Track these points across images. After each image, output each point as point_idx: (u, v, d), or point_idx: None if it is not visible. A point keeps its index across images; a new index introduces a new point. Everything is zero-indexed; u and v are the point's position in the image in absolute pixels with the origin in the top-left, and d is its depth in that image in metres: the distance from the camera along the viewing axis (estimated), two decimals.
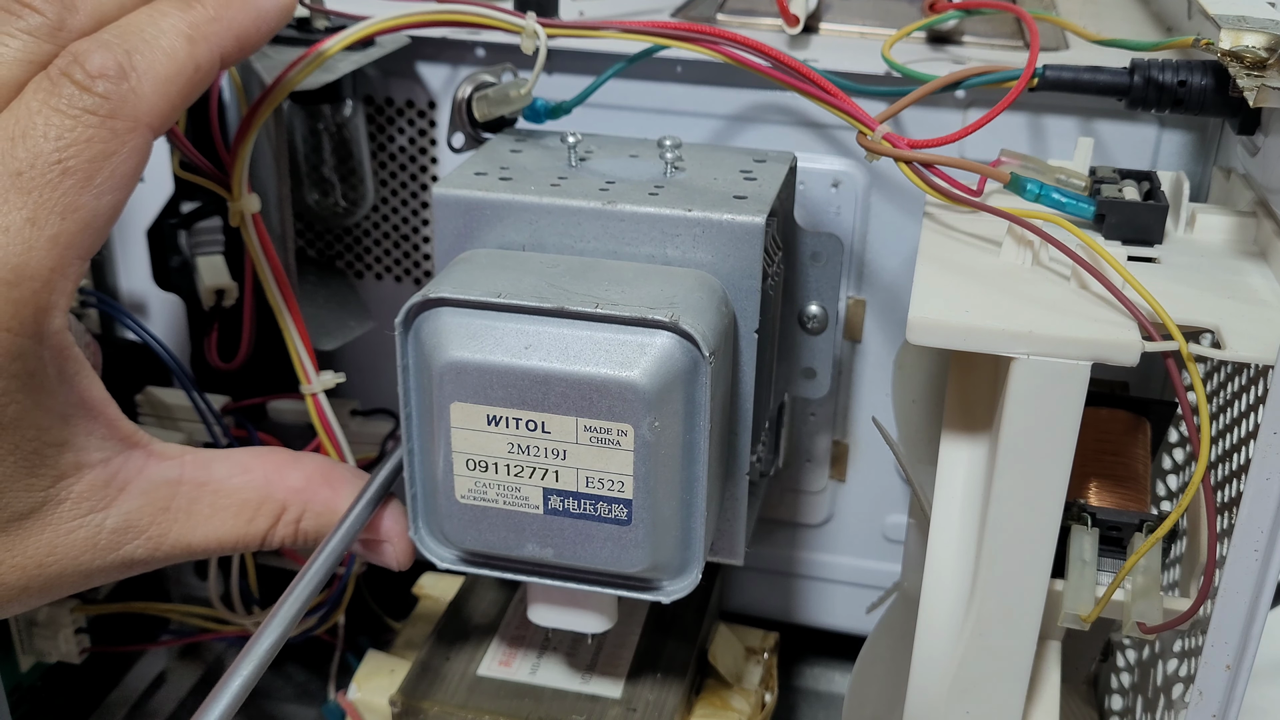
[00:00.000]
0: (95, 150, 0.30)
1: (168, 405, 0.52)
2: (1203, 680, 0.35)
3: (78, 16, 0.31)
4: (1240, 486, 0.35)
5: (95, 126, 0.30)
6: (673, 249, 0.39)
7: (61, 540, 0.32)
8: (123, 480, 0.33)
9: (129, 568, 0.34)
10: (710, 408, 0.36)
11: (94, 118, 0.30)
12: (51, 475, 0.31)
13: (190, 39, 0.33)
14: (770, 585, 0.60)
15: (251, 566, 0.51)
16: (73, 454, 0.31)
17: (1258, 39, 0.37)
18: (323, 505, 0.38)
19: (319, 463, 0.39)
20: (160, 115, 0.32)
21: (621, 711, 0.46)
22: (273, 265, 0.45)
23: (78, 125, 0.30)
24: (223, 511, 0.35)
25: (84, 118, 0.30)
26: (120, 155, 0.31)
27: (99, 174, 0.30)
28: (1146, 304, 0.33)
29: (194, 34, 0.33)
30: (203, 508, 0.35)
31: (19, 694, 0.53)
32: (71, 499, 0.32)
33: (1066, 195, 0.39)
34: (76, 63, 0.30)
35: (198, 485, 0.35)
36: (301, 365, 0.47)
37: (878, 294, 0.52)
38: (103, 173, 0.30)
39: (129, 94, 0.31)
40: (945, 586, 0.38)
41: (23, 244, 0.29)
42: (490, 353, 0.36)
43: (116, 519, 0.33)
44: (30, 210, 0.29)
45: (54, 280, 0.30)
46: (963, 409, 0.38)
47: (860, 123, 0.39)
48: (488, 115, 0.46)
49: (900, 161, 0.38)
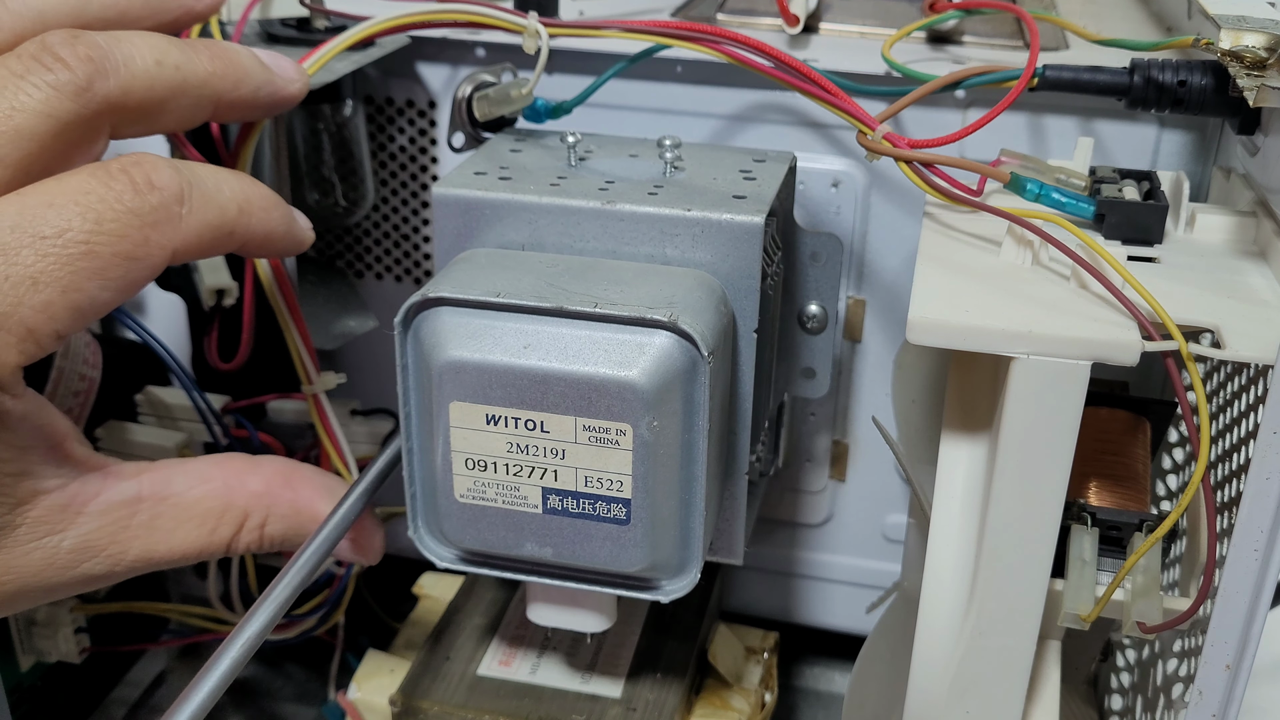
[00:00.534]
0: (123, 249, 0.31)
1: (168, 405, 0.52)
2: (1203, 680, 0.35)
3: (108, 83, 0.32)
4: (1240, 486, 0.35)
5: (134, 229, 0.31)
6: (672, 249, 0.39)
7: (18, 561, 0.33)
8: (80, 504, 0.34)
9: (90, 583, 0.35)
10: (709, 407, 0.36)
11: (137, 220, 0.31)
12: (9, 503, 0.32)
13: (241, 209, 0.34)
14: (770, 585, 0.60)
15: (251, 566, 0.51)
16: (30, 482, 0.32)
17: (1258, 39, 0.37)
18: (286, 508, 0.38)
19: (278, 465, 0.39)
20: (186, 250, 0.33)
21: (621, 711, 0.46)
22: (273, 265, 0.45)
23: (119, 220, 0.31)
24: (186, 524, 0.36)
25: (127, 217, 0.31)
26: (139, 265, 0.32)
27: (114, 271, 0.31)
28: (1146, 304, 0.33)
29: (246, 206, 0.34)
30: (165, 522, 0.36)
31: (19, 694, 0.53)
32: (27, 524, 0.33)
33: (1066, 195, 0.39)
34: (142, 166, 0.31)
35: (158, 500, 0.36)
36: (303, 365, 0.47)
37: (878, 294, 0.52)
38: (117, 270, 0.31)
39: (175, 218, 0.32)
40: (945, 586, 0.38)
41: (15, 298, 0.29)
42: (489, 352, 0.36)
43: (73, 540, 0.34)
44: (37, 271, 0.30)
45: (27, 340, 0.30)
46: (963, 409, 0.38)
47: (860, 122, 0.39)
48: (488, 115, 0.46)
49: (900, 161, 0.38)
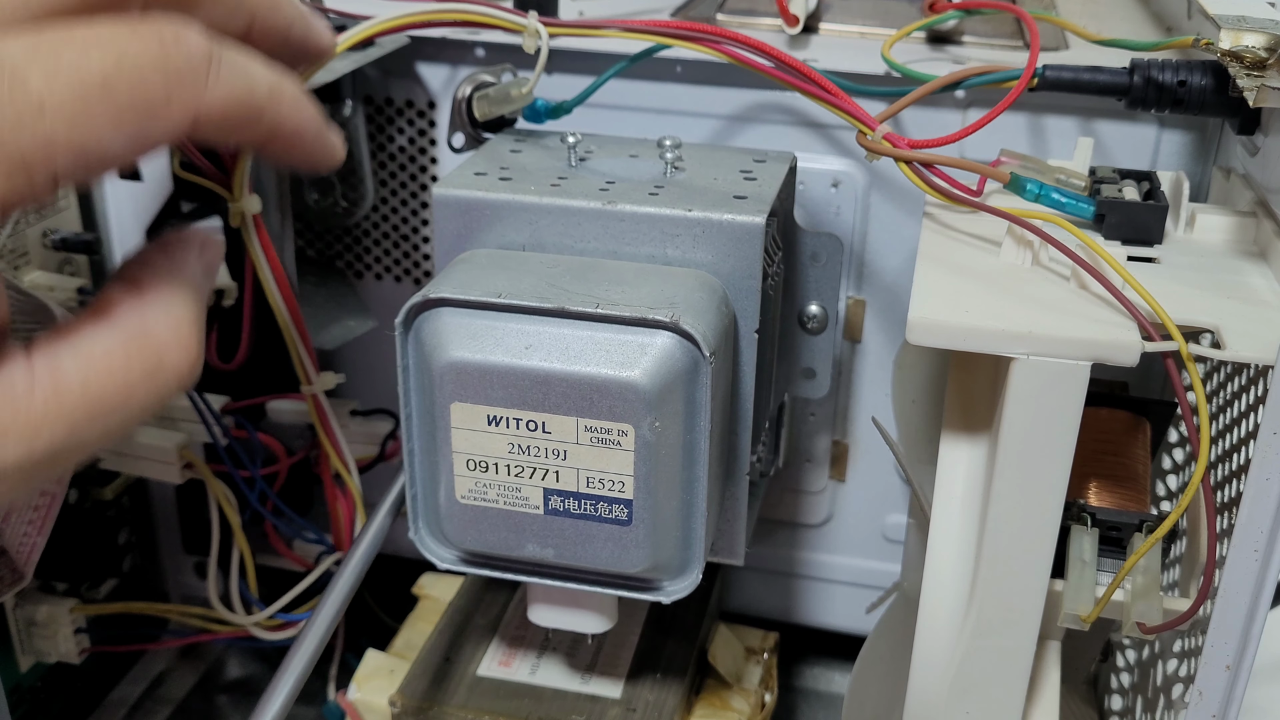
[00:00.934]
0: (142, 95, 0.26)
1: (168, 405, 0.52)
2: (1203, 680, 0.35)
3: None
4: (1240, 486, 0.35)
5: (157, 80, 0.26)
6: (673, 249, 0.39)
7: None
8: None
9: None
10: (710, 408, 0.36)
11: (160, 73, 0.27)
12: None
13: (272, 93, 0.30)
14: (770, 585, 0.60)
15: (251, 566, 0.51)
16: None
17: (1258, 39, 0.37)
18: None
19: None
20: (209, 119, 0.28)
21: (621, 711, 0.46)
22: (273, 265, 0.45)
23: (141, 67, 0.26)
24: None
25: (151, 66, 0.27)
26: (157, 122, 0.27)
27: (129, 117, 0.26)
28: (1146, 304, 0.33)
29: (276, 92, 0.30)
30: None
31: (19, 694, 0.53)
32: None
33: (1066, 195, 0.39)
34: (172, 24, 0.27)
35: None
36: (302, 365, 0.47)
37: (878, 294, 0.52)
38: (132, 119, 0.26)
39: (201, 80, 0.27)
40: (945, 586, 0.38)
41: (14, 120, 0.24)
42: (490, 353, 0.36)
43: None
44: (44, 95, 0.25)
45: (18, 173, 0.25)
46: (963, 409, 0.38)
47: (860, 122, 0.39)
48: (488, 115, 0.46)
49: (900, 161, 0.38)
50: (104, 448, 0.32)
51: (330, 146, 0.33)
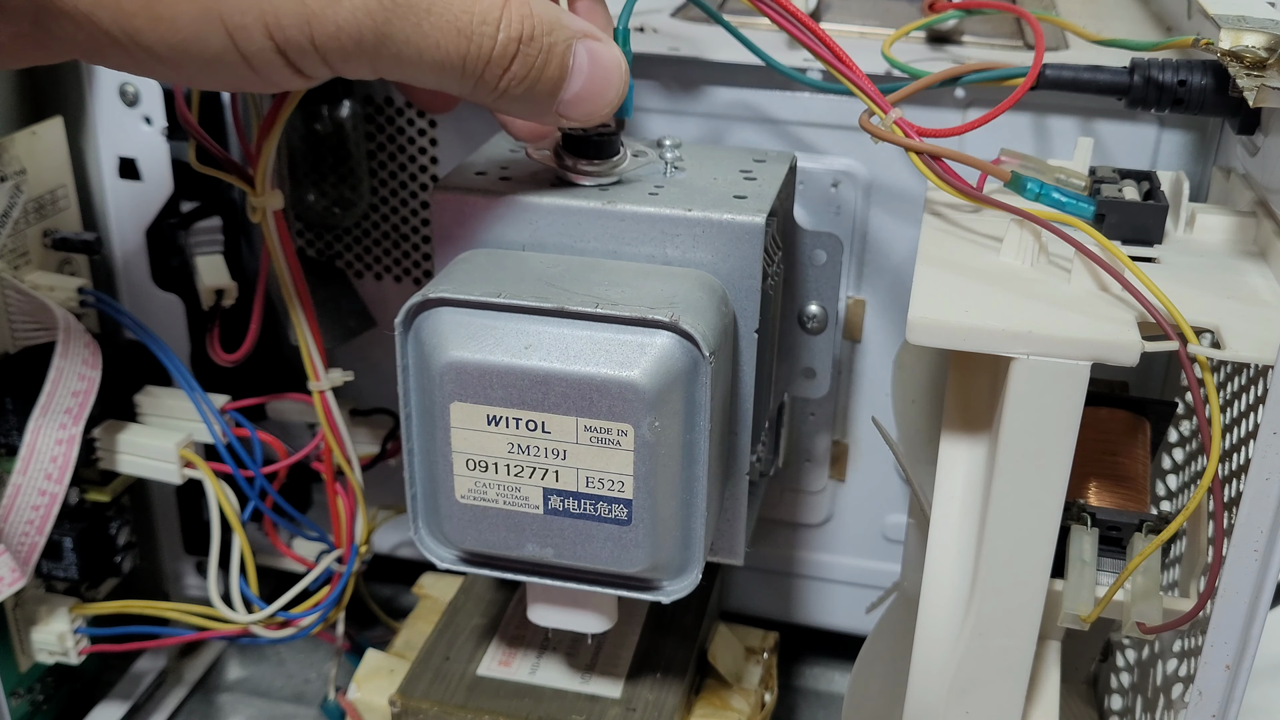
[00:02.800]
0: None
1: (168, 405, 0.52)
2: (1203, 680, 0.35)
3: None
4: (1240, 486, 0.35)
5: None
6: (673, 249, 0.39)
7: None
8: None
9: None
10: (710, 408, 0.36)
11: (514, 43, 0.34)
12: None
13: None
14: (770, 585, 0.60)
15: (251, 566, 0.51)
16: None
17: (1258, 39, 0.37)
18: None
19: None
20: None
21: (621, 711, 0.46)
22: (290, 261, 0.45)
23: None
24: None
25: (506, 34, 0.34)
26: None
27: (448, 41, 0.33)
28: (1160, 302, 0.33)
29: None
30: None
31: (19, 694, 0.53)
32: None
33: (1066, 195, 0.39)
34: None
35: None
36: (311, 362, 0.47)
37: (878, 294, 0.52)
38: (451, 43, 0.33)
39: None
40: (945, 586, 0.38)
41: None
42: (490, 352, 0.36)
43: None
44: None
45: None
46: (963, 409, 0.38)
47: (874, 103, 0.38)
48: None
49: (910, 152, 0.38)
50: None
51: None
